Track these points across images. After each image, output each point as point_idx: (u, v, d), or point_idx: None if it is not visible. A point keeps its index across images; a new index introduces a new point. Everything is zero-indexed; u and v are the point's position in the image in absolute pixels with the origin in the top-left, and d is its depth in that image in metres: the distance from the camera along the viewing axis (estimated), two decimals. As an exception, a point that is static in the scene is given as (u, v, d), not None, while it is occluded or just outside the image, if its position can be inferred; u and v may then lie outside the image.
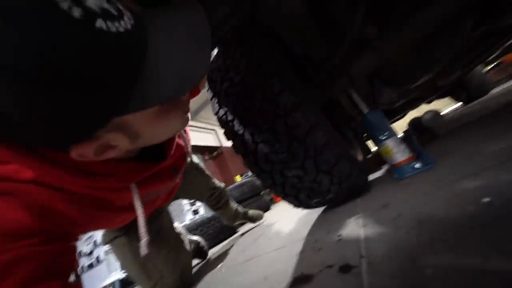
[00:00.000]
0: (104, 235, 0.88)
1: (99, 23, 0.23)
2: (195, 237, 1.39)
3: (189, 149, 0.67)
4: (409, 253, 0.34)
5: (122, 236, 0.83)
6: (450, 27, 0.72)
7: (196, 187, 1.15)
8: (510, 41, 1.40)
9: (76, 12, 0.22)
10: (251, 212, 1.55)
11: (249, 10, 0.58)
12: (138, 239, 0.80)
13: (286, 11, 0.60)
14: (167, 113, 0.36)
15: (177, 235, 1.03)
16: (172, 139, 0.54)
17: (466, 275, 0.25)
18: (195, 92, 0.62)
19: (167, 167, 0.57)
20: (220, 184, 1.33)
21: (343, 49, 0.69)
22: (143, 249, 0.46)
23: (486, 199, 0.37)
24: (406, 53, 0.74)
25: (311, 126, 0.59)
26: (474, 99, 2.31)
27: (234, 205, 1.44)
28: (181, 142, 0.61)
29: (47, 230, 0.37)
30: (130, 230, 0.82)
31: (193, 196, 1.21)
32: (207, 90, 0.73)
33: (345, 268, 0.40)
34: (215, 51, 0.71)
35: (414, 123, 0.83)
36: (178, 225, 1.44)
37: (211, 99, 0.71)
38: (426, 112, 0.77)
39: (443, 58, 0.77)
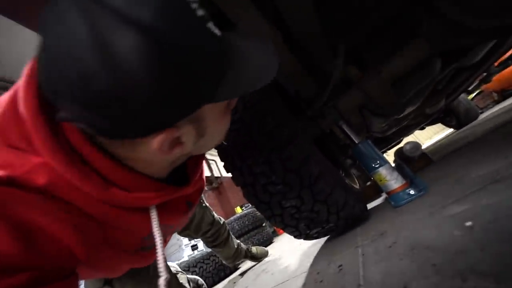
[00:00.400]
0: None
1: (209, 24, 0.29)
2: (192, 276, 1.31)
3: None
4: (402, 279, 0.36)
5: (106, 286, 0.71)
6: (422, 67, 0.82)
7: (191, 220, 1.05)
8: (484, 74, 1.54)
9: (199, 12, 0.28)
10: (255, 249, 1.41)
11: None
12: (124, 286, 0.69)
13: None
14: (227, 114, 0.39)
15: (175, 278, 0.97)
16: (198, 166, 0.51)
17: (449, 297, 0.27)
18: None
19: (183, 198, 0.52)
20: (219, 218, 1.22)
21: (329, 88, 0.77)
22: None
23: (469, 223, 0.40)
24: (385, 90, 0.82)
25: (304, 158, 0.64)
26: (465, 124, 2.41)
27: (235, 242, 1.31)
28: (203, 177, 0.56)
29: (39, 265, 0.29)
30: (114, 279, 0.70)
31: (187, 231, 1.08)
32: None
33: (344, 299, 0.40)
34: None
35: (399, 153, 0.87)
36: (174, 264, 1.36)
37: (212, 135, 0.77)
38: (407, 143, 0.82)
39: (419, 93, 0.86)
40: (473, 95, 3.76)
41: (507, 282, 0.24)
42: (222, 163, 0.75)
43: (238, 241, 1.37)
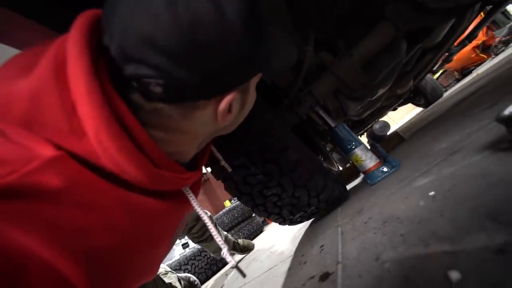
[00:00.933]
0: None
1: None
2: (184, 274, 1.30)
3: None
4: (375, 252, 0.38)
5: None
6: (390, 50, 0.85)
7: None
8: (446, 54, 1.64)
9: None
10: (241, 241, 1.45)
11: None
12: None
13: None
14: (255, 92, 0.41)
15: (160, 280, 0.94)
16: (206, 152, 0.49)
17: (414, 262, 0.29)
18: None
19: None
20: (204, 213, 1.24)
21: (302, 75, 0.78)
22: (230, 259, 0.37)
23: (432, 193, 0.43)
24: (357, 73, 0.85)
25: (282, 147, 0.64)
26: (432, 102, 2.58)
27: (222, 235, 1.34)
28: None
29: None
30: None
31: None
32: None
33: (324, 276, 0.42)
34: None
35: (370, 133, 0.92)
36: (163, 265, 1.33)
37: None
38: (375, 123, 0.86)
39: (389, 74, 0.90)
40: (438, 74, 4.04)
41: (461, 243, 0.27)
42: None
43: (225, 233, 1.38)
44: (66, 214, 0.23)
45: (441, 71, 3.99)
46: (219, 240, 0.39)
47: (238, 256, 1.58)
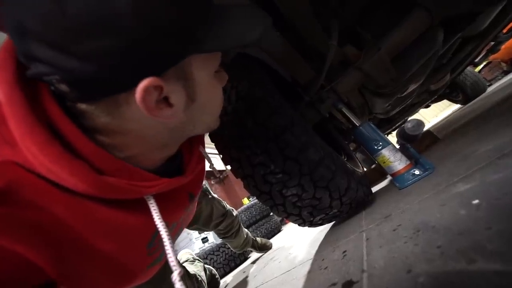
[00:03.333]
0: None
1: None
2: (207, 266, 1.35)
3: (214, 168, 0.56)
4: (405, 263, 0.34)
5: None
6: (423, 40, 0.77)
7: (199, 214, 1.03)
8: (491, 44, 1.46)
9: None
10: (259, 240, 1.45)
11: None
12: None
13: (267, 46, 0.67)
14: (217, 85, 0.37)
15: (187, 271, 0.96)
16: (193, 153, 0.46)
17: (454, 279, 0.26)
18: None
19: (183, 190, 0.47)
20: (232, 210, 1.19)
21: (325, 71, 0.74)
22: (178, 286, 0.32)
23: (476, 201, 0.38)
24: (385, 68, 0.78)
25: (302, 145, 0.62)
26: (472, 99, 2.32)
27: (244, 232, 1.32)
28: (202, 164, 0.51)
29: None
30: None
31: (195, 225, 1.06)
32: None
33: (348, 285, 0.39)
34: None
35: (401, 132, 0.84)
36: (191, 252, 1.39)
37: (208, 129, 0.76)
38: (408, 121, 0.79)
39: (422, 69, 0.82)
40: (480, 67, 3.57)
41: (516, 262, 0.23)
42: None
43: (246, 230, 1.39)
44: (14, 211, 0.25)
45: (484, 63, 3.52)
46: (171, 260, 0.34)
47: (256, 254, 1.59)
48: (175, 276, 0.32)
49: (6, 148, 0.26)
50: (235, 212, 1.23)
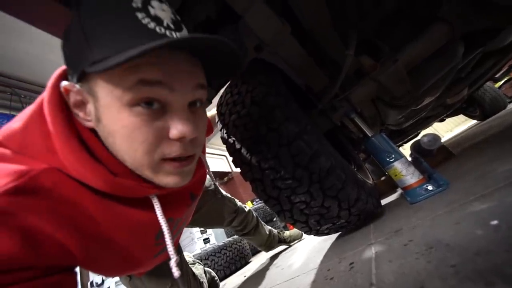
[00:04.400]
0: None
1: None
2: (207, 268, 1.34)
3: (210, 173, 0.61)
4: (417, 279, 0.34)
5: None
6: (442, 53, 0.76)
7: (212, 210, 1.02)
8: (513, 59, 1.42)
9: None
10: (288, 233, 1.39)
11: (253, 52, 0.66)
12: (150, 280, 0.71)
13: (284, 54, 0.68)
14: (128, 116, 0.32)
15: (192, 271, 0.98)
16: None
17: (470, 301, 0.25)
18: (209, 131, 0.68)
19: (185, 190, 0.52)
20: (243, 206, 1.17)
21: (340, 80, 0.74)
22: (175, 270, 0.38)
23: (495, 222, 0.37)
24: (401, 80, 0.78)
25: (313, 152, 0.62)
26: (490, 115, 2.24)
27: (266, 229, 1.26)
28: (203, 170, 0.53)
29: (43, 264, 0.31)
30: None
31: (210, 222, 1.05)
32: (217, 122, 0.80)
33: (355, 298, 0.39)
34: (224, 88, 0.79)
35: (416, 146, 0.83)
36: (191, 255, 1.40)
37: (220, 130, 0.77)
38: (424, 135, 0.77)
39: (439, 82, 0.80)
40: (501, 83, 3.45)
41: (538, 288, 0.22)
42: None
43: (269, 227, 1.34)
44: (57, 206, 0.33)
45: (505, 79, 3.38)
46: (169, 249, 0.39)
47: (262, 256, 1.54)
48: (172, 263, 0.39)
49: (50, 156, 0.34)
50: (247, 208, 1.20)
